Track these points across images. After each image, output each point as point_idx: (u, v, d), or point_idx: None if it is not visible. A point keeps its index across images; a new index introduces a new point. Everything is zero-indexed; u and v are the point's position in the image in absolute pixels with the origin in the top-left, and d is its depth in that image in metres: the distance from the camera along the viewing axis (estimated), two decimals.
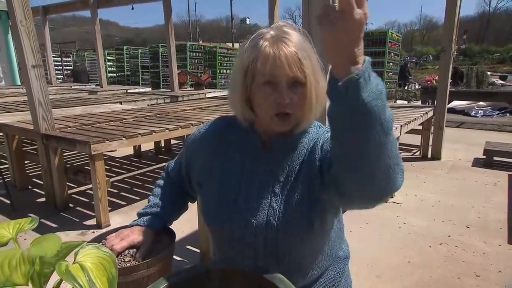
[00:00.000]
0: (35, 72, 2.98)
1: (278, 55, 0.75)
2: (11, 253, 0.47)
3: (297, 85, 0.77)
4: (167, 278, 0.58)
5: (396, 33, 9.58)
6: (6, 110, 4.43)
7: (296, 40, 0.77)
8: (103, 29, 9.20)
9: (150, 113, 4.21)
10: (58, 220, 3.02)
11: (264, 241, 0.81)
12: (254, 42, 0.79)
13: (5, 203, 3.31)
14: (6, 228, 0.59)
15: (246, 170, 0.85)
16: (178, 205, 0.97)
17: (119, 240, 0.80)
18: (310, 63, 0.77)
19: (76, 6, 8.38)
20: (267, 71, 0.76)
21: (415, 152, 5.32)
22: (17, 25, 2.91)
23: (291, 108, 0.77)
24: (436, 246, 2.63)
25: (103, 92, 7.35)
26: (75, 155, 5.16)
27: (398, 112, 4.52)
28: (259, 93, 0.78)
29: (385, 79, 8.79)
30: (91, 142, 2.63)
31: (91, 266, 0.57)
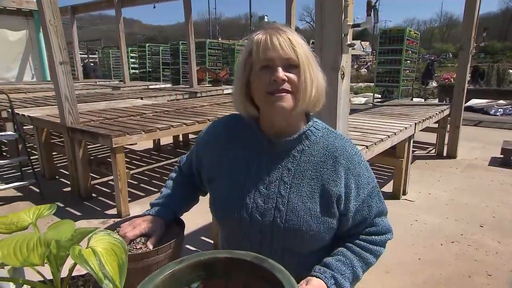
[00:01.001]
0: (62, 69, 3.08)
1: (270, 39, 0.78)
2: (29, 236, 0.50)
3: (291, 67, 0.79)
4: (172, 264, 0.60)
5: (414, 31, 9.31)
6: (36, 105, 4.60)
7: (289, 31, 0.81)
8: (127, 27, 9.36)
9: (169, 108, 4.28)
10: (82, 209, 3.13)
11: (270, 238, 0.83)
12: (249, 37, 0.83)
13: (35, 192, 3.45)
14: (27, 213, 0.62)
15: (253, 168, 0.86)
16: (188, 197, 1.00)
17: (132, 228, 0.83)
18: (302, 48, 0.79)
19: (102, 5, 8.55)
20: (261, 56, 0.78)
21: (430, 150, 5.19)
22: (46, 24, 3.00)
23: (285, 85, 0.78)
24: (448, 244, 2.58)
25: (126, 87, 7.50)
26: (99, 147, 5.31)
27: (413, 110, 4.42)
28: (257, 79, 0.80)
29: (401, 77, 8.59)
30: (112, 136, 2.70)
31: (103, 251, 0.59)
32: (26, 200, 3.32)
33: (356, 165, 0.85)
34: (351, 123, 3.41)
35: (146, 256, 0.77)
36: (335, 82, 1.59)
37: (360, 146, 2.41)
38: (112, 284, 0.57)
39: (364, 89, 13.74)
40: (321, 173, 0.83)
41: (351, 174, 0.84)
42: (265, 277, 0.59)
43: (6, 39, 9.93)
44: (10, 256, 0.47)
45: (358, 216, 0.85)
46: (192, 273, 0.62)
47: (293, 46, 0.77)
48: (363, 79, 17.61)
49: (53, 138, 4.30)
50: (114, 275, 0.59)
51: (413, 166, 4.36)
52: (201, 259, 0.62)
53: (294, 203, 0.81)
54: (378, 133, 2.85)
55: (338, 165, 0.83)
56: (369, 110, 4.47)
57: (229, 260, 0.62)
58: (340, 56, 1.56)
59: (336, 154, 0.84)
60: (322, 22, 1.57)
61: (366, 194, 0.86)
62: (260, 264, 0.59)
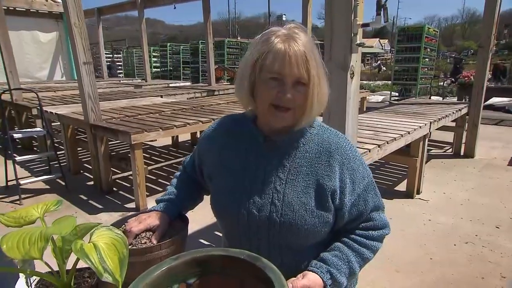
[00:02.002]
0: (86, 68, 3.17)
1: (288, 52, 0.76)
2: (32, 231, 0.52)
3: (300, 84, 0.78)
4: (169, 260, 0.61)
5: (433, 28, 9.02)
6: (63, 102, 4.76)
7: (305, 40, 0.78)
8: (150, 27, 9.52)
9: (186, 106, 4.33)
10: (103, 202, 3.22)
11: (267, 234, 0.83)
12: (266, 37, 0.80)
13: (60, 185, 3.58)
14: (35, 208, 0.65)
15: (250, 165, 0.87)
16: (192, 195, 1.01)
17: (138, 223, 0.85)
18: (315, 64, 0.78)
19: (126, 7, 8.73)
20: (275, 69, 0.76)
21: (447, 149, 5.03)
22: (72, 26, 3.10)
23: (291, 104, 0.78)
24: (462, 244, 2.50)
25: (147, 86, 7.64)
26: (120, 143, 5.44)
27: (429, 108, 4.30)
28: (264, 85, 0.79)
29: (419, 75, 8.35)
30: (131, 133, 2.77)
31: (104, 246, 0.61)
32: (53, 192, 3.45)
33: (351, 160, 0.85)
34: (365, 121, 3.35)
35: (149, 250, 0.79)
36: (344, 82, 1.56)
37: (371, 145, 2.37)
38: (112, 277, 0.58)
39: (382, 87, 13.44)
40: (315, 168, 0.83)
41: (345, 168, 0.83)
42: (258, 276, 0.59)
43: (38, 41, 10.31)
44: (13, 249, 0.49)
45: (354, 210, 0.85)
46: (188, 269, 0.62)
47: (308, 66, 0.76)
48: (381, 77, 17.23)
49: (78, 135, 4.43)
50: (114, 268, 0.60)
51: (428, 165, 4.24)
52: (196, 256, 0.63)
53: (289, 198, 0.81)
54: (391, 132, 2.79)
55: (333, 160, 0.83)
56: (384, 109, 4.37)
57: (224, 258, 0.62)
58: (350, 56, 1.53)
59: (331, 149, 0.84)
60: (331, 22, 1.55)
61: (362, 188, 0.85)
62: (253, 263, 0.60)
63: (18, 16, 9.11)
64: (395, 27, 12.32)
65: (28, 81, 8.81)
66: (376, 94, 11.41)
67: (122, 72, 15.56)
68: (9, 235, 0.52)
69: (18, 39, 9.45)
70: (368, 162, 2.34)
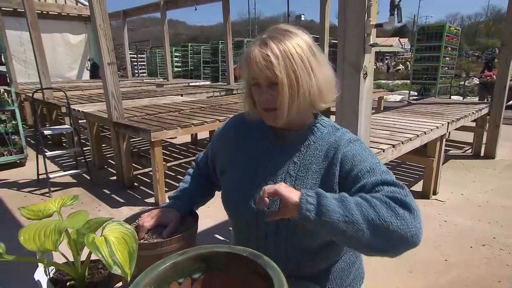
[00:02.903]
0: (110, 69, 3.25)
1: (254, 57, 0.78)
2: (47, 224, 0.55)
3: (274, 83, 0.79)
4: (175, 255, 0.63)
5: (454, 27, 8.70)
6: (90, 101, 4.91)
7: (277, 41, 0.77)
8: (173, 28, 9.67)
9: (205, 105, 4.38)
10: (125, 196, 3.31)
11: (275, 230, 0.83)
12: (249, 45, 0.84)
13: (86, 179, 3.71)
14: (53, 203, 0.68)
15: (261, 161, 0.88)
16: (203, 192, 1.03)
17: (150, 219, 0.87)
18: (284, 62, 0.76)
19: (149, 9, 8.89)
20: (249, 73, 0.81)
21: (466, 149, 4.86)
22: (97, 29, 3.19)
23: (270, 104, 0.80)
24: (478, 247, 2.41)
25: (169, 85, 7.77)
26: (141, 140, 5.57)
27: (448, 108, 4.15)
28: (253, 92, 0.84)
29: (439, 75, 8.07)
30: (151, 130, 2.82)
31: (114, 239, 0.63)
32: (79, 186, 3.58)
33: (352, 147, 0.82)
34: (381, 121, 3.28)
35: (160, 245, 0.81)
36: (357, 82, 1.54)
37: (386, 145, 2.32)
38: (121, 269, 0.60)
39: (401, 86, 13.10)
40: (324, 166, 0.83)
41: (346, 156, 0.80)
42: (260, 273, 0.59)
43: (68, 42, 10.68)
44: (30, 241, 0.51)
45: (355, 187, 0.75)
46: (194, 264, 0.64)
47: (271, 64, 0.76)
48: (400, 76, 16.79)
49: (103, 132, 4.56)
50: (123, 261, 0.62)
51: (446, 166, 4.11)
52: (201, 252, 0.64)
53: None
54: (407, 132, 2.71)
55: (338, 153, 0.82)
56: (401, 108, 4.26)
57: (228, 254, 0.63)
58: (363, 56, 1.50)
59: (336, 145, 0.84)
60: (344, 22, 1.52)
61: (365, 169, 0.76)
62: (255, 260, 0.60)
63: (50, 19, 9.48)
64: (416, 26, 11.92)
65: (59, 81, 9.15)
66: (394, 94, 11.13)
67: (146, 71, 15.87)
68: (27, 227, 0.55)
69: (50, 41, 9.83)
70: (382, 162, 2.29)
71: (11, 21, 7.80)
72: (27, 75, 9.16)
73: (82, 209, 2.41)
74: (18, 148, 4.18)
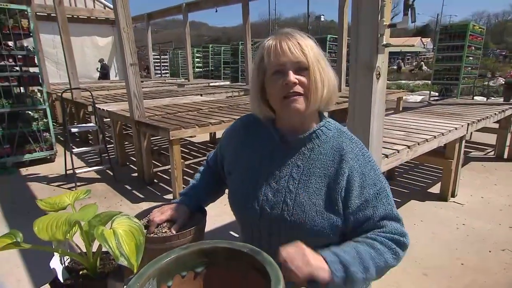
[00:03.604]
0: (132, 69, 3.35)
1: (280, 44, 0.78)
2: (59, 216, 0.58)
3: (302, 69, 0.78)
4: (178, 249, 0.64)
5: (479, 25, 8.34)
6: (114, 100, 5.06)
7: (298, 35, 0.80)
8: (195, 30, 9.82)
9: (223, 104, 4.42)
10: (145, 192, 3.40)
11: (278, 231, 0.83)
12: (261, 44, 0.84)
13: (109, 175, 3.83)
14: (67, 196, 0.71)
15: (266, 163, 0.87)
16: (213, 189, 1.04)
17: (160, 214, 0.90)
18: (312, 51, 0.79)
19: (172, 11, 9.06)
20: (272, 61, 0.79)
21: (488, 152, 4.66)
22: (121, 31, 3.28)
23: (299, 88, 0.78)
24: (497, 251, 2.31)
25: (190, 85, 7.89)
26: (161, 139, 5.68)
27: (469, 109, 4.00)
28: (270, 83, 0.81)
29: (461, 75, 7.77)
30: (170, 129, 2.88)
31: (122, 232, 0.65)
32: (102, 181, 3.70)
33: (362, 164, 0.82)
34: (397, 122, 3.20)
35: (168, 239, 0.83)
36: (370, 83, 1.51)
37: (401, 146, 2.26)
38: (127, 261, 0.63)
39: (422, 87, 12.71)
40: (328, 171, 0.82)
41: (355, 172, 0.81)
42: (259, 269, 0.60)
43: (96, 45, 11.06)
44: (43, 231, 0.54)
45: (360, 215, 0.80)
46: (196, 259, 0.65)
47: (302, 49, 0.78)
48: (421, 76, 16.29)
49: (126, 130, 4.70)
50: (130, 253, 0.64)
51: (467, 168, 3.97)
52: (203, 247, 0.65)
53: (301, 198, 0.81)
54: (424, 133, 2.64)
55: (344, 163, 0.81)
56: (419, 109, 4.14)
57: (229, 250, 0.64)
58: (376, 56, 1.48)
59: (343, 153, 0.83)
60: (358, 22, 1.50)
61: (372, 194, 0.80)
62: (254, 256, 0.61)
63: (80, 23, 9.85)
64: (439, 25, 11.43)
65: (87, 81, 9.49)
66: (415, 94, 10.82)
67: (168, 72, 16.17)
68: (41, 218, 0.58)
69: (80, 43, 10.22)
70: (396, 164, 2.24)
71: (45, 26, 8.16)
72: (58, 76, 9.57)
73: (105, 203, 2.51)
74: (49, 144, 4.38)
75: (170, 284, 0.63)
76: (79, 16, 9.88)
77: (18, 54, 4.01)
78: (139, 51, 17.99)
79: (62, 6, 5.08)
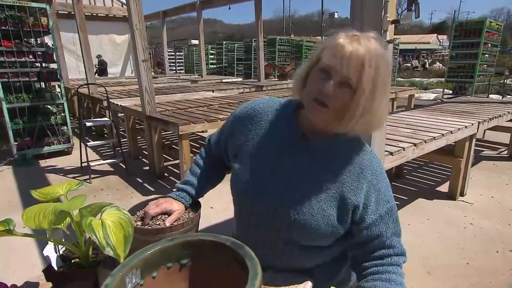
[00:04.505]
0: (144, 66, 3.38)
1: (345, 48, 0.68)
2: (47, 206, 0.58)
3: (346, 85, 0.70)
4: (164, 241, 0.64)
5: (496, 22, 8.02)
6: (128, 95, 5.14)
7: (372, 47, 0.69)
8: (210, 27, 9.85)
9: (233, 100, 4.42)
10: (155, 185, 3.44)
11: (278, 225, 0.81)
12: (335, 33, 0.74)
13: (122, 168, 3.90)
14: (61, 187, 0.72)
15: (279, 156, 0.83)
16: (211, 180, 1.02)
17: (155, 207, 0.90)
18: (372, 74, 0.69)
19: (186, 9, 9.10)
20: (328, 59, 0.71)
21: (502, 151, 4.51)
22: (133, 28, 3.31)
23: (329, 100, 0.71)
24: (505, 252, 2.24)
25: (203, 81, 7.92)
26: (173, 133, 5.74)
27: (482, 107, 3.86)
28: (312, 76, 0.75)
29: (476, 72, 7.52)
30: (179, 124, 2.90)
31: (111, 223, 0.66)
32: (115, 174, 3.78)
33: (380, 181, 0.80)
34: (406, 119, 3.13)
35: (161, 231, 0.83)
36: None
37: (407, 144, 2.20)
38: (113, 251, 0.63)
39: (435, 84, 12.37)
40: (344, 179, 0.78)
41: (373, 188, 0.79)
42: (240, 262, 0.59)
43: (114, 42, 11.24)
44: (30, 220, 0.55)
45: (374, 229, 0.79)
46: (182, 251, 0.65)
47: (362, 68, 0.68)
48: (436, 74, 15.85)
49: (140, 124, 4.76)
50: (117, 244, 0.65)
51: (478, 167, 3.85)
52: (188, 239, 0.65)
53: (310, 200, 0.78)
54: (432, 131, 2.56)
55: (363, 177, 0.78)
56: (431, 107, 4.02)
57: (213, 243, 0.64)
58: None
59: (363, 166, 0.79)
60: (361, 18, 1.46)
61: (385, 211, 0.79)
62: (236, 250, 0.60)
63: (99, 21, 10.03)
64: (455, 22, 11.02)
65: (104, 77, 9.67)
66: (428, 92, 10.54)
67: (183, 68, 16.28)
68: (30, 208, 0.59)
69: (98, 41, 10.41)
70: (401, 161, 2.19)
71: (66, 23, 8.33)
72: (78, 72, 9.78)
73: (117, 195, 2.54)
74: (66, 138, 4.49)
75: (154, 274, 0.63)
76: (98, 14, 10.04)
77: (37, 50, 4.12)
78: (156, 48, 18.20)
79: (80, 4, 5.17)
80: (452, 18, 36.87)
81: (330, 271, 0.88)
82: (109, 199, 3.09)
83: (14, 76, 3.98)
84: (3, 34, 3.82)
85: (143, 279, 0.61)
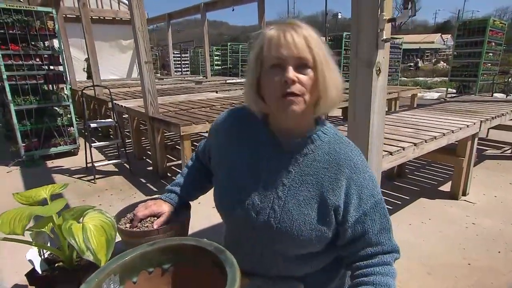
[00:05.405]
0: (146, 67, 3.37)
1: (284, 35, 0.67)
2: (23, 210, 0.56)
3: (305, 67, 0.68)
4: (145, 245, 0.62)
5: (500, 20, 7.87)
6: (133, 97, 5.15)
7: (305, 27, 0.69)
8: (215, 29, 9.85)
9: (236, 101, 4.39)
10: (158, 186, 3.43)
11: (262, 237, 0.78)
12: (262, 32, 0.72)
13: (126, 168, 3.90)
14: (44, 190, 0.70)
15: (254, 166, 0.79)
16: (200, 184, 0.99)
17: (144, 209, 0.88)
18: (320, 48, 0.68)
19: (191, 11, 9.11)
20: (272, 53, 0.68)
21: (505, 150, 4.41)
22: (136, 30, 3.31)
23: (299, 89, 0.68)
24: (508, 252, 2.18)
25: (207, 82, 7.91)
26: (176, 134, 5.72)
27: (485, 106, 3.78)
28: (266, 77, 0.70)
29: (480, 71, 7.38)
30: (181, 125, 2.89)
31: (92, 227, 0.64)
32: (120, 174, 3.78)
33: (360, 175, 0.74)
34: (407, 119, 3.07)
35: (148, 234, 0.81)
36: (370, 79, 1.43)
37: (407, 143, 2.16)
38: (93, 256, 0.61)
39: (439, 83, 12.21)
40: (322, 179, 0.74)
41: (353, 183, 0.74)
42: (221, 267, 0.57)
43: (120, 45, 11.29)
44: (5, 225, 0.53)
45: (358, 227, 0.74)
46: (163, 255, 0.63)
47: (308, 44, 0.67)
48: (440, 73, 15.65)
49: (145, 125, 4.76)
50: (98, 248, 0.63)
51: (481, 166, 3.77)
52: (170, 244, 0.63)
53: (289, 206, 0.74)
54: (433, 130, 2.51)
55: (341, 173, 0.74)
56: (433, 106, 3.95)
57: (195, 247, 0.61)
58: (376, 52, 1.40)
59: (340, 162, 0.74)
60: (357, 17, 1.42)
61: (369, 206, 0.74)
62: (217, 255, 0.58)
63: (107, 24, 10.09)
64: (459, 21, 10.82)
65: (111, 78, 9.72)
66: (432, 91, 10.40)
67: (189, 69, 16.31)
68: (7, 212, 0.57)
69: (105, 43, 10.47)
70: (401, 161, 2.14)
71: (74, 27, 8.38)
72: (85, 74, 9.85)
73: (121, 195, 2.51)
74: (72, 139, 4.51)
75: (135, 280, 0.61)
76: (105, 18, 10.10)
77: (44, 53, 4.14)
78: (162, 50, 18.25)
79: (86, 8, 5.20)
80: (456, 18, 36.40)
81: (321, 279, 0.85)
82: (113, 199, 3.09)
83: (21, 79, 4.01)
84: (10, 38, 3.84)
85: (122, 285, 0.59)
